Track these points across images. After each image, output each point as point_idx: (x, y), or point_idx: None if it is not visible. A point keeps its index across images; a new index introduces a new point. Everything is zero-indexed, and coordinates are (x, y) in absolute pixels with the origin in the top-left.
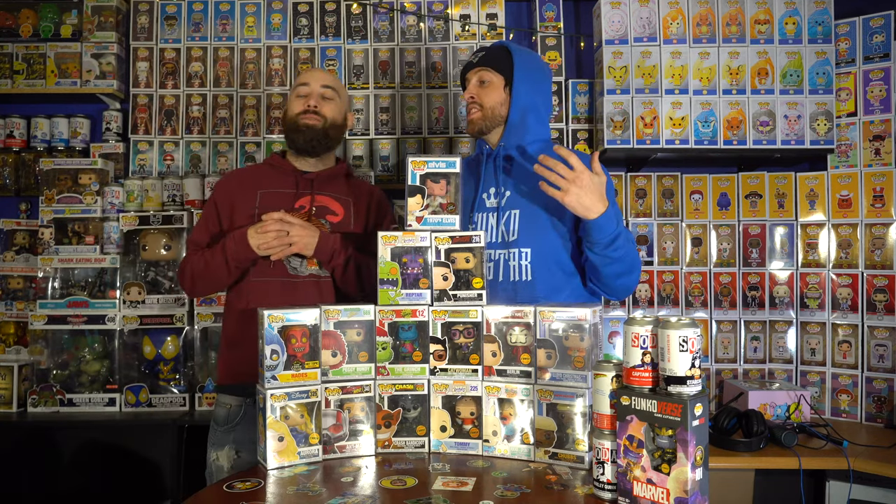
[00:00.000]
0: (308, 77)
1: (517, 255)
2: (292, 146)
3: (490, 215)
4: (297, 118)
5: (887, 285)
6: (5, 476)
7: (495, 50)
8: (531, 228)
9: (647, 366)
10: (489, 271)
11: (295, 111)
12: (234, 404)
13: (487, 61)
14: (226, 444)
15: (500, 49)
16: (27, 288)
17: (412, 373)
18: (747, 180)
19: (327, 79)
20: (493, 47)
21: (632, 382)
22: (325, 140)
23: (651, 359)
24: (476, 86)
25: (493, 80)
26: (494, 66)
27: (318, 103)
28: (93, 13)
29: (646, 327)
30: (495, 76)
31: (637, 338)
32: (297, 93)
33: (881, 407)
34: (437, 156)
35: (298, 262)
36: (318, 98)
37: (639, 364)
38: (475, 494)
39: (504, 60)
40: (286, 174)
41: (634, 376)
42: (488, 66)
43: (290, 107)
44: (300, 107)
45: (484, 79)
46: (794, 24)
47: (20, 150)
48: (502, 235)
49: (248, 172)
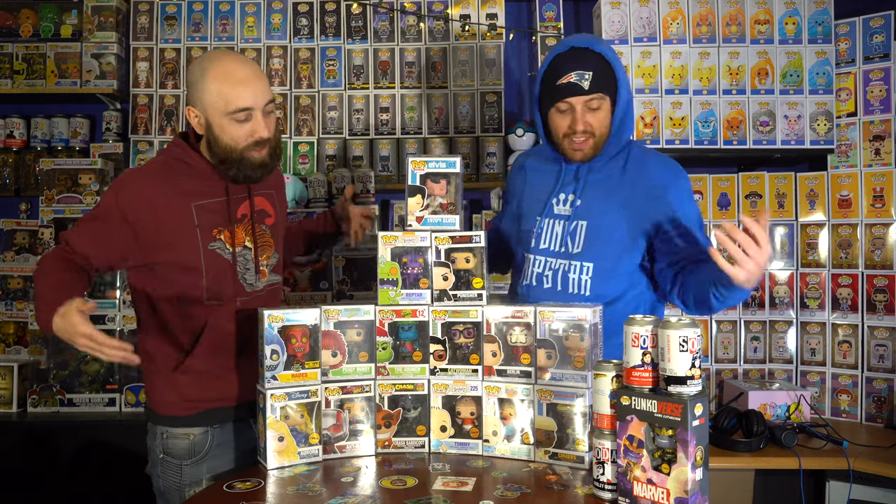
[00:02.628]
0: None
1: (578, 268)
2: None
3: (557, 223)
4: (245, 153)
5: (887, 285)
6: (5, 476)
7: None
8: (597, 243)
9: (647, 366)
10: (547, 280)
11: (240, 142)
12: (198, 434)
13: (600, 86)
14: (202, 478)
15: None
16: (27, 288)
17: (412, 373)
18: (747, 180)
19: (267, 90)
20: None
21: (632, 382)
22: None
23: (651, 359)
24: (586, 112)
25: (603, 104)
26: (606, 90)
27: (269, 130)
28: (93, 13)
29: (646, 327)
30: (606, 98)
31: (637, 338)
32: (236, 118)
33: (881, 407)
34: (437, 156)
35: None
36: (265, 122)
37: (639, 364)
38: (475, 494)
39: (610, 77)
40: (214, 179)
41: (634, 376)
42: (602, 91)
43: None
44: (245, 136)
45: (593, 105)
46: (794, 24)
47: (20, 150)
48: (566, 245)
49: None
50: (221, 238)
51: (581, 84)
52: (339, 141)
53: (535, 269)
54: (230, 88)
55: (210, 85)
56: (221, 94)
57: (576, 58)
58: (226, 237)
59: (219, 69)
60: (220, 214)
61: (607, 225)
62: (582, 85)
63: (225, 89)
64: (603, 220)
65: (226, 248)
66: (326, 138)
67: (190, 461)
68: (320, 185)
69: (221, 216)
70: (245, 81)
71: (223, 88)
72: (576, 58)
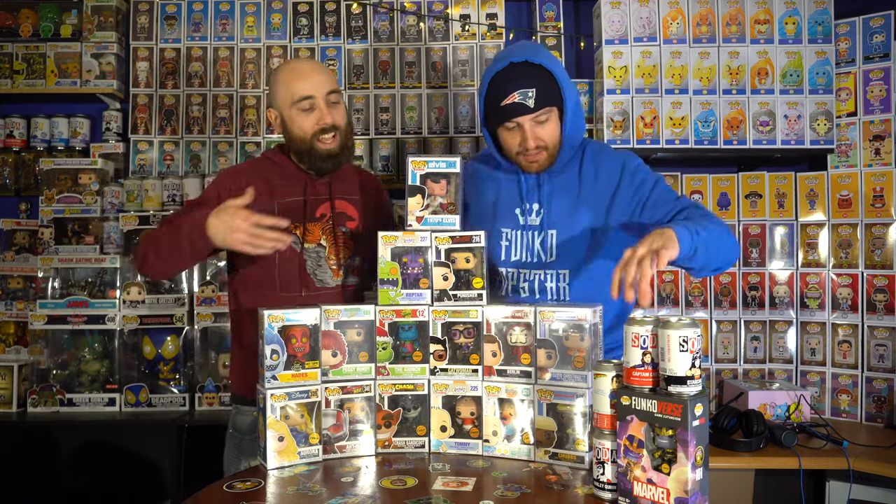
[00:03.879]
0: (309, 87)
1: (554, 276)
2: (310, 169)
3: (526, 234)
4: (314, 142)
5: (887, 285)
6: (5, 476)
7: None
8: (570, 249)
9: (648, 366)
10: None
11: (308, 131)
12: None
13: (546, 100)
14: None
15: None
16: (27, 288)
17: (412, 373)
18: (747, 180)
19: (329, 81)
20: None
21: (632, 382)
22: (347, 154)
23: (651, 359)
24: (535, 127)
25: (551, 116)
26: (552, 102)
27: (333, 118)
28: (93, 13)
29: (646, 327)
30: (552, 110)
31: (637, 338)
32: (300, 107)
33: (881, 407)
34: (438, 156)
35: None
36: (329, 110)
37: (639, 364)
38: (475, 494)
39: (553, 88)
40: (298, 178)
41: (635, 376)
42: (548, 105)
43: (297, 122)
44: (312, 125)
45: (541, 118)
46: (794, 24)
47: (20, 149)
48: (539, 256)
49: (254, 174)
50: (296, 233)
51: (526, 103)
52: None
53: (510, 281)
54: (294, 81)
55: (280, 84)
56: (288, 88)
57: (517, 75)
58: (300, 233)
59: (286, 69)
60: (300, 212)
61: (577, 229)
62: (527, 104)
63: (290, 83)
64: (572, 226)
65: (298, 243)
66: None
67: (250, 436)
68: None
69: (301, 213)
70: (306, 73)
71: (289, 83)
72: (517, 75)
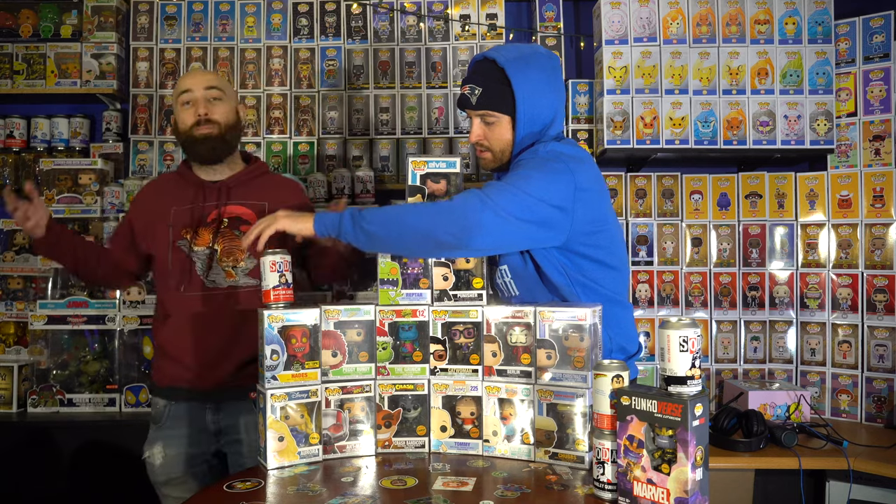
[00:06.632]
0: (189, 82)
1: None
2: (194, 159)
3: None
4: (191, 130)
5: (887, 285)
6: (5, 476)
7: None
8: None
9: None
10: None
11: (186, 123)
12: (162, 404)
13: (489, 103)
14: (156, 442)
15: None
16: (27, 288)
17: (412, 373)
18: (747, 180)
19: (210, 79)
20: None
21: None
22: (224, 146)
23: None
24: (481, 126)
25: (500, 120)
26: (495, 106)
27: (208, 109)
28: (93, 13)
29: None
30: (499, 115)
31: (274, 265)
32: (181, 100)
33: (881, 407)
34: (438, 156)
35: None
36: (205, 103)
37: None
38: (475, 494)
39: (504, 93)
40: (191, 186)
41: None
42: (490, 108)
43: (180, 118)
44: (190, 118)
45: (488, 119)
46: (794, 24)
47: (20, 150)
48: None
49: (162, 185)
50: (186, 238)
51: (470, 98)
52: (339, 141)
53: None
54: (180, 81)
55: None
56: (177, 88)
57: (475, 70)
58: (189, 237)
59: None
60: (191, 217)
61: None
62: (471, 99)
63: (178, 83)
64: None
65: (187, 246)
66: (326, 138)
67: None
68: (320, 185)
69: (192, 218)
70: (190, 74)
71: (178, 83)
72: (475, 70)
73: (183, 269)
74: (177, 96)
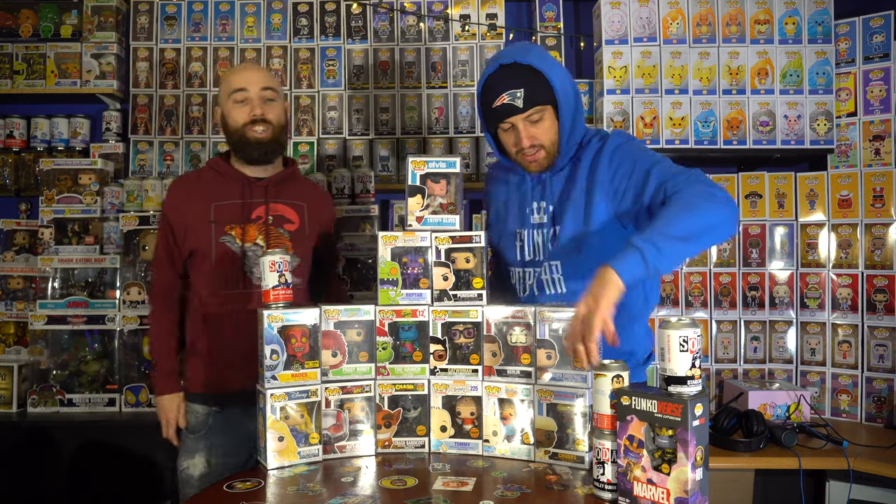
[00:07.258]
0: (244, 80)
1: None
2: (244, 157)
3: (536, 232)
4: (245, 130)
5: (887, 285)
6: (5, 476)
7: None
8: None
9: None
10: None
11: (239, 122)
12: (204, 412)
13: (535, 100)
14: (196, 452)
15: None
16: (27, 288)
17: (412, 373)
18: (747, 180)
19: (265, 79)
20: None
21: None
22: (277, 147)
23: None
24: (529, 127)
25: (545, 114)
26: (542, 100)
27: (263, 110)
28: (93, 13)
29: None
30: (544, 108)
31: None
32: (235, 98)
33: (881, 407)
34: (438, 156)
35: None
36: (261, 104)
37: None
38: (475, 494)
39: (544, 86)
40: (236, 182)
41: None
42: (538, 104)
43: (231, 115)
44: (244, 116)
45: (534, 118)
46: (793, 24)
47: (20, 150)
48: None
49: (194, 182)
50: (233, 234)
51: (515, 104)
52: (339, 141)
53: (527, 280)
54: (231, 77)
55: (222, 82)
56: (227, 83)
57: (506, 76)
58: (237, 233)
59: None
60: (236, 213)
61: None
62: (516, 104)
63: (228, 79)
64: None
65: (235, 242)
66: (326, 138)
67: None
68: (320, 185)
69: (237, 215)
70: (242, 70)
71: (228, 79)
72: (506, 76)
73: (229, 266)
74: (229, 92)
